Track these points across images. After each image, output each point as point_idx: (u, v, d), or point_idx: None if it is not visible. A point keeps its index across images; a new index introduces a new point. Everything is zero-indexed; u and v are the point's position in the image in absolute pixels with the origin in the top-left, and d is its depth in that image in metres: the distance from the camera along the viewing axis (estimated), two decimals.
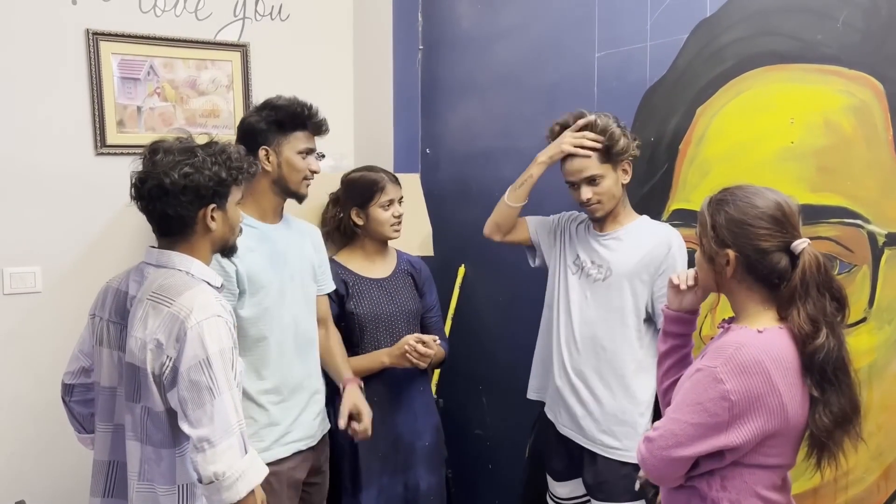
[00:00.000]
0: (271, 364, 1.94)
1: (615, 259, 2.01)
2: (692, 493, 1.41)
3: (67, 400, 1.70)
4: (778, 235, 1.36)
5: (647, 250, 1.97)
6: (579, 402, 2.03)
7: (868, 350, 1.73)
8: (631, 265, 1.98)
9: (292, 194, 2.00)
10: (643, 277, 1.97)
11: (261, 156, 1.93)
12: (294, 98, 1.97)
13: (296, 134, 1.96)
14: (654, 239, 1.98)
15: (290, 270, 1.99)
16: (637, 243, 1.99)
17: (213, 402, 1.40)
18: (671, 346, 1.56)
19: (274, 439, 1.94)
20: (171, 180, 1.46)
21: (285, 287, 1.97)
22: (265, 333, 1.92)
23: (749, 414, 1.31)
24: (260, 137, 1.94)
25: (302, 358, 2.02)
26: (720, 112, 1.99)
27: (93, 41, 2.39)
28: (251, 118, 1.96)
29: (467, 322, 2.67)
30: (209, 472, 1.39)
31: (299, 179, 1.98)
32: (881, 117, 1.69)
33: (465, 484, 2.76)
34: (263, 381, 1.93)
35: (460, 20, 2.79)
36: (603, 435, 1.98)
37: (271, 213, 2.00)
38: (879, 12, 1.68)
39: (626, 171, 2.01)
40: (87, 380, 1.65)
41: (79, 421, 1.71)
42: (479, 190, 2.71)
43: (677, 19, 2.06)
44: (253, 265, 1.90)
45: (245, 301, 1.89)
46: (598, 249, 2.05)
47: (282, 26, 2.79)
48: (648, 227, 2.03)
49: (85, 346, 1.65)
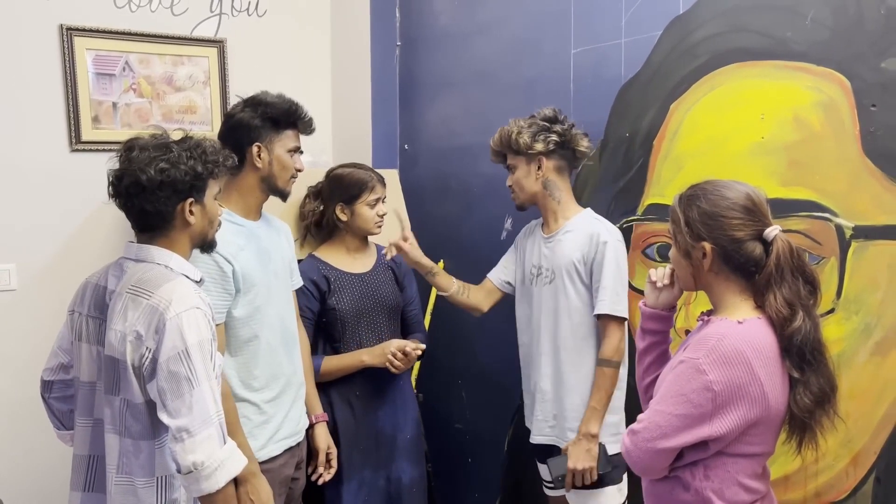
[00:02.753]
0: (262, 362, 1.94)
1: (555, 259, 2.06)
2: (675, 483, 1.43)
3: (47, 397, 1.69)
4: (751, 224, 1.39)
5: (580, 246, 2.01)
6: (542, 410, 2.09)
7: (836, 340, 1.77)
8: (567, 263, 2.03)
9: (278, 192, 2.00)
10: (582, 275, 2.01)
11: (253, 152, 1.92)
12: (283, 95, 1.98)
13: (287, 132, 1.97)
14: (584, 236, 2.02)
15: (273, 267, 1.99)
16: (573, 241, 2.04)
17: (192, 392, 1.41)
18: (650, 343, 1.59)
19: (268, 437, 1.94)
20: (147, 176, 1.47)
21: (271, 284, 1.97)
22: (256, 332, 1.92)
23: (732, 404, 1.33)
24: (253, 133, 1.92)
25: (289, 355, 2.03)
26: (693, 108, 2.02)
27: (66, 36, 2.37)
28: (242, 114, 1.94)
29: (447, 317, 2.68)
30: (188, 462, 1.40)
31: (287, 177, 1.99)
32: (848, 113, 1.73)
33: (445, 478, 2.78)
34: (256, 380, 1.93)
35: (438, 16, 2.80)
36: (570, 433, 2.03)
37: (255, 210, 2.00)
38: (847, 10, 1.72)
39: (539, 168, 2.04)
40: (66, 376, 1.65)
41: (58, 418, 1.71)
42: (457, 185, 2.73)
43: (651, 16, 2.09)
44: (246, 264, 1.89)
45: (239, 300, 1.88)
46: (545, 253, 2.10)
47: (259, 22, 2.77)
48: (583, 223, 2.05)
49: (64, 342, 1.65)
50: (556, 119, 2.05)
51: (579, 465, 1.96)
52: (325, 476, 2.14)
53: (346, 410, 2.24)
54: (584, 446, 1.97)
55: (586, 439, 1.97)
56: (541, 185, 2.06)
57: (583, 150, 2.07)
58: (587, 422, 1.98)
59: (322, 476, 2.14)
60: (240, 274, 1.87)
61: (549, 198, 2.07)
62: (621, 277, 1.99)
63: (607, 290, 1.97)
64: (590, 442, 1.97)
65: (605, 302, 1.97)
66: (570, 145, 2.05)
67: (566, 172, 2.09)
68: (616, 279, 1.98)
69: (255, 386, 1.93)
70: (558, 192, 2.07)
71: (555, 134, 2.02)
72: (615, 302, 1.97)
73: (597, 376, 1.99)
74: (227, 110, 2.05)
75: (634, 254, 2.19)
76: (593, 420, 1.97)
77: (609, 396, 1.98)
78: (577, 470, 1.96)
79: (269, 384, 1.95)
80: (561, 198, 2.08)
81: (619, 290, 1.98)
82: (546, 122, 2.04)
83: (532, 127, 2.03)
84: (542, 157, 2.03)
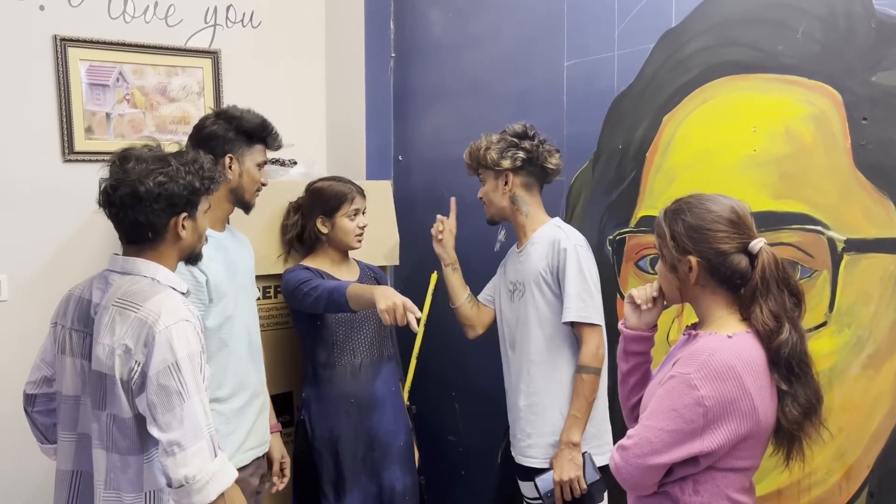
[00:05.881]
0: (230, 372, 1.95)
1: (524, 273, 2.06)
2: (664, 498, 1.42)
3: (30, 410, 1.67)
4: (736, 237, 1.39)
5: (544, 255, 2.02)
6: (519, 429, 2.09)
7: (829, 353, 1.77)
8: (535, 274, 2.03)
9: (244, 204, 2.04)
10: (550, 284, 2.01)
11: (226, 163, 1.96)
12: (252, 110, 2.03)
13: (257, 146, 2.02)
14: (546, 244, 2.02)
15: (240, 278, 2.03)
16: (537, 252, 2.04)
17: (183, 405, 1.40)
18: (633, 365, 1.58)
19: (235, 447, 1.94)
20: (145, 188, 1.47)
21: (239, 295, 2.00)
22: (226, 342, 1.94)
23: (723, 419, 1.33)
24: (227, 146, 1.97)
25: (255, 365, 2.06)
26: (685, 120, 2.02)
27: (60, 47, 2.37)
28: (215, 126, 1.98)
29: (440, 329, 2.67)
30: (179, 476, 1.39)
31: (254, 190, 2.04)
32: (839, 126, 1.73)
33: (437, 490, 2.76)
34: (222, 390, 1.94)
35: (432, 28, 2.81)
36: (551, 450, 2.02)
37: (221, 221, 2.03)
38: (837, 24, 1.73)
39: (507, 184, 2.05)
40: (50, 389, 1.63)
41: (41, 431, 1.69)
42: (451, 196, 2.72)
43: (644, 29, 2.10)
44: (216, 274, 1.92)
45: (211, 310, 1.90)
46: (518, 268, 2.10)
47: (253, 33, 2.78)
48: (546, 233, 2.06)
49: (47, 355, 1.63)
50: (525, 135, 2.06)
51: (565, 475, 1.95)
52: (278, 485, 2.16)
53: (342, 417, 2.23)
54: (566, 456, 1.96)
55: (568, 448, 1.96)
56: (508, 201, 2.08)
57: (551, 166, 2.07)
58: (568, 430, 1.96)
59: (276, 485, 2.16)
60: (212, 284, 1.90)
61: (518, 212, 2.09)
62: (586, 283, 1.97)
63: (571, 297, 1.96)
64: (572, 451, 1.95)
65: (571, 309, 1.96)
66: (539, 162, 2.05)
67: (535, 188, 2.10)
68: (580, 285, 1.96)
69: (222, 396, 1.93)
70: (526, 206, 2.08)
71: (522, 151, 2.03)
72: (581, 308, 1.96)
73: (576, 383, 1.98)
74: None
75: (627, 266, 2.18)
76: (574, 428, 1.96)
77: (590, 404, 1.97)
78: (563, 481, 1.95)
79: (236, 393, 1.96)
80: (529, 212, 2.08)
81: (584, 296, 1.96)
82: (515, 137, 2.05)
83: (501, 143, 2.05)
84: (510, 172, 2.04)
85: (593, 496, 1.98)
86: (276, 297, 2.42)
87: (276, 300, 2.42)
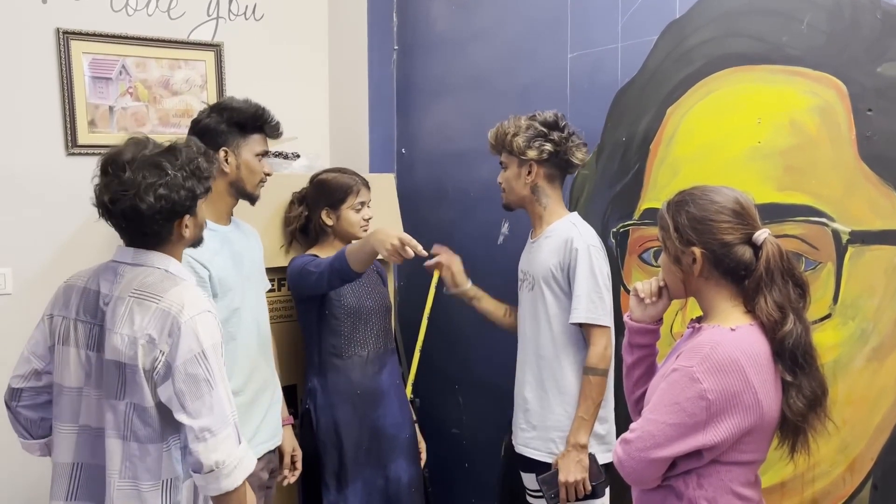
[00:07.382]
0: (239, 365, 1.94)
1: (534, 266, 2.05)
2: (668, 492, 1.42)
3: (14, 405, 1.63)
4: (740, 228, 1.39)
5: (556, 252, 1.99)
6: (525, 420, 2.08)
7: (833, 346, 1.77)
8: (545, 270, 2.01)
9: (247, 196, 2.02)
10: (560, 282, 1.99)
11: (220, 157, 1.93)
12: (249, 100, 2.00)
13: (254, 136, 1.99)
14: (560, 242, 1.99)
15: (247, 271, 2.01)
16: (550, 247, 2.01)
17: (211, 393, 1.44)
18: (638, 358, 1.57)
19: (246, 441, 1.93)
20: (146, 205, 1.45)
21: (246, 288, 1.99)
22: (234, 335, 1.93)
23: (726, 412, 1.32)
24: (220, 139, 1.94)
25: (265, 357, 2.05)
26: (690, 112, 2.02)
27: (63, 40, 2.37)
28: (207, 120, 1.96)
29: (443, 322, 2.67)
30: (211, 461, 1.42)
31: (256, 181, 2.00)
32: (844, 117, 1.73)
33: (442, 483, 2.77)
34: (233, 383, 1.92)
35: (435, 22, 2.80)
36: (551, 444, 2.02)
37: (225, 215, 2.02)
38: (843, 14, 1.72)
39: (530, 174, 2.01)
40: (38, 383, 1.61)
41: (24, 427, 1.65)
42: (454, 190, 2.73)
43: (647, 21, 2.09)
44: (221, 268, 1.91)
45: (216, 304, 1.89)
46: (528, 258, 2.09)
47: (256, 26, 2.77)
48: (561, 229, 2.02)
49: (38, 348, 1.60)
50: (556, 125, 2.01)
51: (571, 477, 1.93)
52: (289, 478, 2.16)
53: (347, 410, 2.23)
54: (573, 458, 1.94)
55: (576, 450, 1.94)
56: (529, 190, 2.04)
57: (577, 161, 2.03)
58: (575, 432, 1.94)
59: (287, 479, 2.15)
60: (216, 278, 1.89)
61: (537, 203, 2.06)
62: (597, 284, 1.95)
63: (581, 299, 1.94)
64: (580, 453, 1.94)
65: (580, 310, 1.94)
66: (565, 155, 2.01)
67: (557, 181, 2.06)
68: (590, 286, 1.94)
69: (233, 388, 1.92)
70: (546, 198, 2.05)
71: (550, 143, 1.98)
72: (590, 310, 1.94)
73: (583, 385, 1.96)
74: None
75: (631, 258, 2.18)
76: (581, 430, 1.94)
77: (597, 405, 1.95)
78: (569, 483, 1.93)
79: (246, 386, 1.96)
80: (548, 204, 2.05)
81: (594, 297, 1.94)
82: (545, 127, 2.00)
83: (529, 130, 1.99)
84: (534, 163, 2.01)
85: (595, 492, 1.98)
86: (279, 290, 2.42)
87: (280, 293, 2.42)
